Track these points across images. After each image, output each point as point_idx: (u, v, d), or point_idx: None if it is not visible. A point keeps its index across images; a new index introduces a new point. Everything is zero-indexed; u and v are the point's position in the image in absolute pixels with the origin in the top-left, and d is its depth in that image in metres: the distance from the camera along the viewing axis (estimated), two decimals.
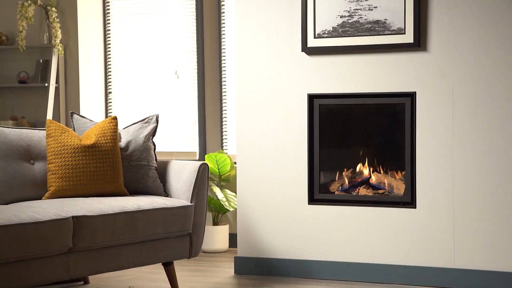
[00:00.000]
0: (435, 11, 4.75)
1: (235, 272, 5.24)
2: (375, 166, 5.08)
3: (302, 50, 5.03)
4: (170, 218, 4.43)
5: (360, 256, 4.96)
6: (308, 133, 5.06)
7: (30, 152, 4.57)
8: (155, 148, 4.74)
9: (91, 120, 4.89)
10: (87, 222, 4.04)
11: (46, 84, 6.48)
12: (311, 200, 5.08)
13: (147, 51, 6.51)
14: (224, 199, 5.85)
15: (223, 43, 6.26)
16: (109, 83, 6.68)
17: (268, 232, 5.17)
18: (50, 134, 4.54)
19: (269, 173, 5.17)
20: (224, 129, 6.29)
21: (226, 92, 6.27)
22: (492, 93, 4.64)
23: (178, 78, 6.42)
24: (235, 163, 5.91)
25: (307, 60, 5.06)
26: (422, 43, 4.77)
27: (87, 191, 4.49)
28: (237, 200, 5.35)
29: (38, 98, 6.61)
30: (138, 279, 5.04)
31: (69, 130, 4.58)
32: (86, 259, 4.08)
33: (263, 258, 5.18)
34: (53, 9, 6.41)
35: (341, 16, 4.93)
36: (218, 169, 5.97)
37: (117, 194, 4.56)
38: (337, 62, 4.99)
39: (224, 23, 6.25)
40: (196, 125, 6.36)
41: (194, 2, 6.32)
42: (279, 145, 5.14)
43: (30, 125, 6.55)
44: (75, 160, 4.47)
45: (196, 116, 6.36)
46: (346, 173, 5.12)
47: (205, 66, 6.30)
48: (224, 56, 6.26)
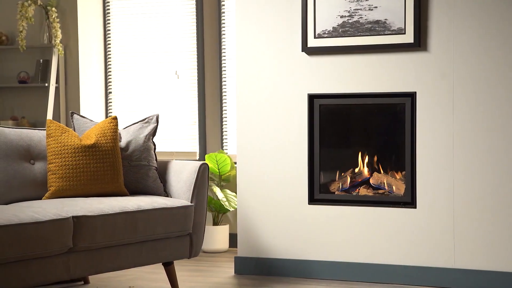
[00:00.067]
0: (435, 11, 4.75)
1: (235, 272, 5.24)
2: (375, 166, 5.08)
3: (302, 50, 5.03)
4: (170, 218, 4.43)
5: (360, 256, 4.96)
6: (308, 133, 5.06)
7: (30, 152, 4.57)
8: (155, 148, 4.74)
9: (91, 120, 4.89)
10: (87, 222, 4.04)
11: (46, 84, 6.48)
12: (311, 200, 5.08)
13: (147, 51, 6.50)
14: (224, 199, 5.85)
15: (223, 43, 6.26)
16: (109, 83, 6.68)
17: (268, 232, 5.17)
18: (50, 134, 4.54)
19: (269, 173, 5.16)
20: (224, 129, 6.29)
21: (226, 92, 6.27)
22: (492, 93, 4.64)
23: (178, 78, 6.42)
24: (235, 163, 5.91)
25: (307, 60, 5.05)
26: (422, 43, 4.77)
27: (87, 191, 4.48)
28: (237, 200, 5.35)
29: (38, 98, 6.60)
30: (138, 279, 5.04)
31: (69, 130, 4.58)
32: (86, 259, 4.08)
33: (263, 258, 5.18)
34: (53, 9, 6.40)
35: (341, 16, 4.92)
36: (218, 169, 5.97)
37: (117, 194, 4.56)
38: (337, 62, 4.99)
39: (224, 23, 6.24)
40: (196, 125, 6.36)
41: (194, 2, 6.32)
42: (279, 145, 5.13)
43: (30, 125, 6.55)
44: (75, 160, 4.47)
45: (196, 116, 6.36)
46: (346, 173, 5.12)
47: (205, 66, 6.30)
48: (224, 56, 6.26)
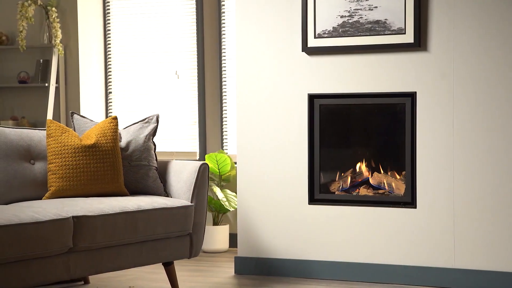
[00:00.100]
0: (435, 11, 4.75)
1: (235, 272, 5.24)
2: (375, 166, 5.08)
3: (302, 50, 5.03)
4: (171, 218, 4.43)
5: (360, 256, 4.96)
6: (308, 133, 5.06)
7: (30, 152, 4.57)
8: (155, 148, 4.74)
9: (92, 120, 4.89)
10: (87, 222, 4.04)
11: (46, 84, 6.48)
12: (311, 200, 5.08)
13: (147, 51, 6.51)
14: (224, 199, 5.85)
15: (223, 43, 6.26)
16: (109, 83, 6.68)
17: (268, 232, 5.17)
18: (50, 134, 4.54)
19: (269, 173, 5.16)
20: (224, 129, 6.29)
21: (226, 92, 6.27)
22: (492, 93, 4.64)
23: (178, 78, 6.42)
24: (235, 163, 5.91)
25: (307, 60, 5.05)
26: (422, 43, 4.77)
27: (88, 191, 4.48)
28: (237, 200, 5.35)
29: (38, 98, 6.60)
30: (138, 279, 5.04)
31: (69, 130, 4.58)
32: (86, 259, 4.08)
33: (263, 258, 5.18)
34: (53, 9, 6.40)
35: (341, 16, 4.92)
36: (218, 169, 5.97)
37: (117, 194, 4.56)
38: (337, 62, 4.99)
39: (224, 23, 6.24)
40: (196, 125, 6.36)
41: (194, 2, 6.32)
42: (279, 145, 5.13)
43: (30, 125, 6.55)
44: (75, 160, 4.47)
45: (196, 116, 6.36)
46: (346, 173, 5.12)
47: (205, 66, 6.30)
48: (224, 56, 6.26)
